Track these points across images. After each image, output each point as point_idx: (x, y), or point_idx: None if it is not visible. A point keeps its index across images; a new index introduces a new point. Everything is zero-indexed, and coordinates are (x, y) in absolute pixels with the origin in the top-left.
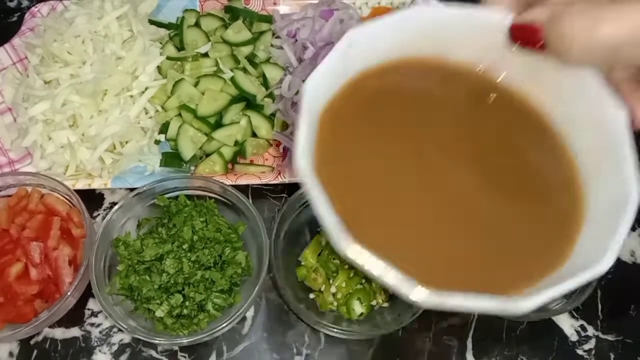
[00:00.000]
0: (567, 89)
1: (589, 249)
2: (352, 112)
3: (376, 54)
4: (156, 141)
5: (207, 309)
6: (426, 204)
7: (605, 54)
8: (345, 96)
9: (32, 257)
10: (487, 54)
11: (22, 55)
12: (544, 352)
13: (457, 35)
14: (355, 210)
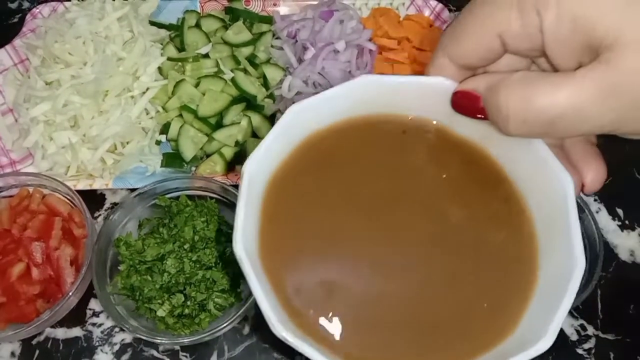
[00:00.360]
0: (517, 153)
1: (534, 320)
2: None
3: (321, 120)
4: (157, 142)
5: (208, 309)
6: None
7: (542, 127)
8: (291, 162)
9: (34, 257)
10: (442, 114)
11: (24, 56)
12: (545, 351)
13: (406, 99)
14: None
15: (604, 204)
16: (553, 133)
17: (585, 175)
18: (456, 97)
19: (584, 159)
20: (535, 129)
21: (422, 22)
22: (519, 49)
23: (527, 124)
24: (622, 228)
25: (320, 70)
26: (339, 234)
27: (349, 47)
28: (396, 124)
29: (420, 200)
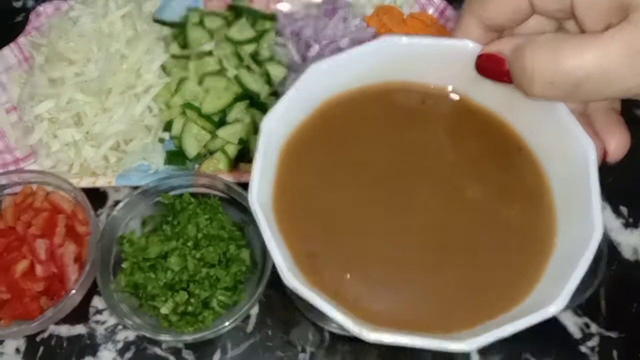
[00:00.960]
0: (538, 120)
1: (548, 286)
2: (314, 142)
3: (341, 83)
4: (160, 139)
5: (212, 306)
6: (389, 232)
7: (567, 89)
8: (307, 128)
9: (38, 254)
10: (461, 81)
11: (27, 54)
12: (548, 349)
13: (428, 64)
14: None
15: (608, 202)
16: (578, 95)
17: (609, 143)
18: (481, 59)
19: (608, 126)
20: (561, 91)
21: (426, 20)
22: (547, 9)
23: (552, 86)
24: (626, 226)
25: None
26: (355, 198)
27: (352, 44)
28: (415, 92)
29: (438, 171)
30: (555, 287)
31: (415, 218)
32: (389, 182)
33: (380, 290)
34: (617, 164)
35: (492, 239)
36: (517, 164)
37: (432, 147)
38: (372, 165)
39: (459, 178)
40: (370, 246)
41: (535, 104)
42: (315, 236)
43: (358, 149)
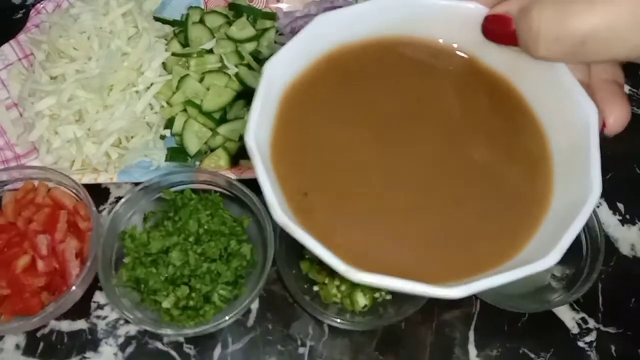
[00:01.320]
0: (542, 83)
1: (540, 245)
2: (317, 87)
3: (347, 36)
4: (161, 136)
5: (212, 301)
6: (385, 176)
7: (573, 47)
8: (312, 74)
9: (39, 249)
10: (468, 42)
11: (28, 51)
12: (546, 344)
13: (435, 23)
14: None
15: (605, 199)
16: (583, 54)
17: (609, 115)
18: (487, 21)
19: (609, 98)
20: (566, 48)
21: None
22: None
23: (557, 42)
24: (623, 222)
25: None
26: (351, 145)
27: None
28: (423, 47)
29: (440, 123)
30: (548, 244)
31: (413, 165)
32: (389, 127)
33: (370, 235)
34: (614, 161)
35: (488, 194)
36: (519, 125)
37: (437, 100)
38: (374, 110)
39: (461, 131)
40: (364, 189)
41: (540, 68)
42: (309, 176)
43: (361, 94)
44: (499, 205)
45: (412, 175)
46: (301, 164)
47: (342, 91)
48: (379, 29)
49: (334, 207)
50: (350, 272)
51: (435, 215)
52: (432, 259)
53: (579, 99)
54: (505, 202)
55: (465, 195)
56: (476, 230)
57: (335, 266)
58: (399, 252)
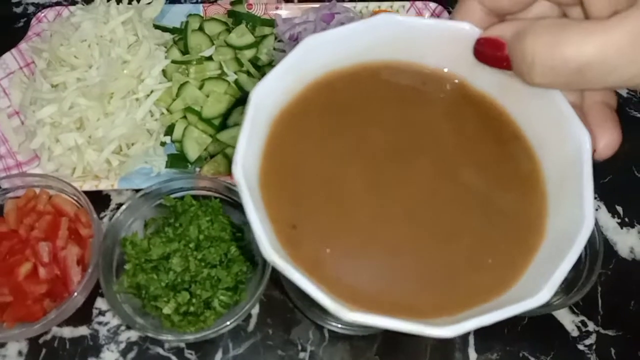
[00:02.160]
0: (535, 108)
1: (533, 278)
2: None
3: (336, 59)
4: (162, 143)
5: (213, 306)
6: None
7: (568, 76)
8: (301, 100)
9: (41, 256)
10: (459, 65)
11: (29, 59)
12: (545, 347)
13: (425, 45)
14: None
15: (604, 202)
16: (580, 83)
17: (600, 139)
18: (480, 44)
19: (600, 122)
20: (562, 78)
21: None
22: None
23: (553, 72)
24: (622, 225)
25: None
26: (340, 178)
27: None
28: (413, 73)
29: (431, 153)
30: (541, 279)
31: (404, 197)
32: (380, 158)
33: (360, 269)
34: (613, 164)
35: (482, 223)
36: (512, 150)
37: (427, 128)
38: (365, 141)
39: (452, 161)
40: (354, 222)
41: (533, 91)
42: (298, 207)
43: (352, 124)
44: (493, 237)
45: (403, 209)
46: (290, 194)
47: (331, 121)
48: (368, 53)
49: (323, 241)
50: (340, 311)
51: (427, 250)
52: (424, 294)
53: (572, 126)
54: (499, 234)
55: (458, 228)
56: (469, 264)
57: (326, 305)
58: (390, 287)
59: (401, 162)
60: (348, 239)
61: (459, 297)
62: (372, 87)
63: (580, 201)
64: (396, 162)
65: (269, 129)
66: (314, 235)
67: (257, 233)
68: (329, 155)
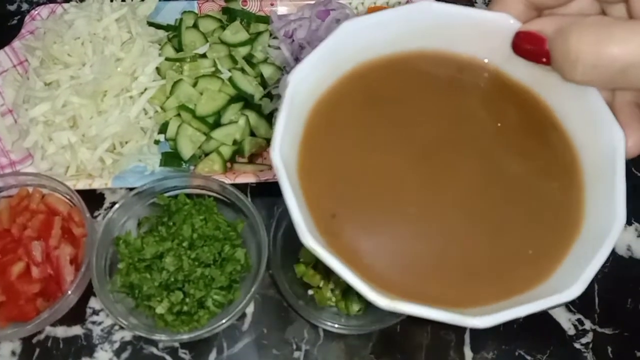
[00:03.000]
0: (572, 103)
1: (566, 271)
2: (345, 104)
3: (374, 46)
4: (156, 141)
5: (207, 306)
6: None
7: (610, 75)
8: (339, 89)
9: (34, 256)
10: (495, 55)
11: (22, 57)
12: (542, 346)
13: (462, 34)
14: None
15: None
16: (620, 82)
17: (628, 138)
18: (519, 38)
19: (630, 121)
20: (603, 77)
21: None
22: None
23: (595, 71)
24: None
25: None
26: (384, 168)
27: None
28: (450, 62)
29: (472, 142)
30: (573, 274)
31: (447, 187)
32: (420, 149)
33: (398, 258)
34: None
35: (525, 213)
36: (552, 140)
37: (466, 118)
38: (405, 131)
39: (494, 150)
40: (395, 212)
41: (570, 86)
42: (338, 196)
43: (390, 114)
44: (534, 227)
45: (447, 199)
46: (329, 183)
47: (368, 110)
48: (402, 41)
49: (363, 230)
50: (378, 299)
51: (470, 241)
52: (464, 284)
53: (607, 124)
54: (540, 224)
55: (502, 218)
56: (512, 255)
57: (364, 293)
58: (429, 277)
59: (443, 152)
60: (389, 229)
61: (497, 288)
62: (407, 76)
63: (612, 199)
64: (438, 153)
65: (304, 118)
66: (354, 224)
67: (296, 219)
68: (368, 146)
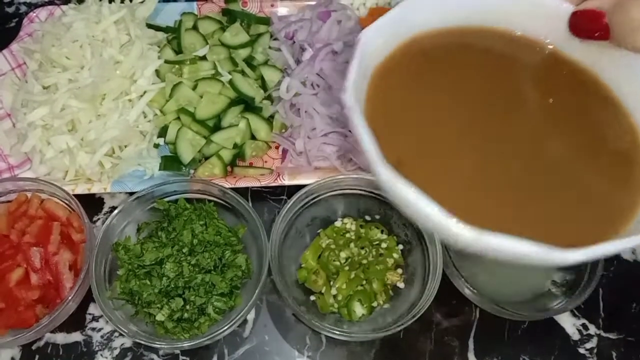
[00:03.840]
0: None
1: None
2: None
3: (438, 17)
4: (155, 145)
5: (207, 313)
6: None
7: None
8: (403, 52)
9: (33, 262)
10: (550, 34)
11: (21, 60)
12: (546, 351)
13: (521, 14)
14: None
15: None
16: None
17: None
18: (575, 17)
19: None
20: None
21: None
22: None
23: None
24: None
25: (319, 71)
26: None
27: (346, 47)
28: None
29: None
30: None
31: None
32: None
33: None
34: None
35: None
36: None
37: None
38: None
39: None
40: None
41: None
42: (403, 147)
43: (448, 81)
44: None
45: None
46: (394, 134)
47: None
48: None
49: (428, 180)
50: (467, 231)
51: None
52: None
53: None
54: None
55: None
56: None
57: (448, 224)
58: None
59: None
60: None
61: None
62: (464, 49)
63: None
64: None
65: (369, 76)
66: (419, 174)
67: (370, 151)
68: (430, 107)
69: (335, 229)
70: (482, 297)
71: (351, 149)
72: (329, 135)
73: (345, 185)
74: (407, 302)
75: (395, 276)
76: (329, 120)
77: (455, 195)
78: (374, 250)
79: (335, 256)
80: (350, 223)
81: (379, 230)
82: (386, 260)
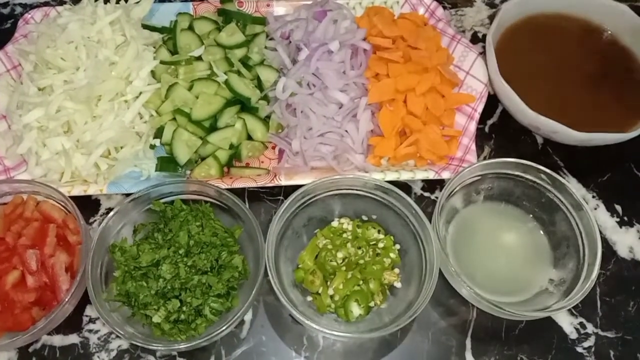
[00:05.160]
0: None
1: None
2: (520, 37)
3: (550, 4)
4: (151, 146)
5: (204, 314)
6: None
7: None
8: (524, 23)
9: (29, 264)
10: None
11: (16, 62)
12: (544, 350)
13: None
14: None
15: (603, 201)
16: None
17: None
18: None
19: None
20: None
21: (417, 20)
22: None
23: None
24: (621, 224)
25: (315, 71)
26: (540, 65)
27: (342, 47)
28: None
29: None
30: None
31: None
32: (568, 62)
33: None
34: (613, 165)
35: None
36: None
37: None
38: (559, 52)
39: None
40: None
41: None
42: (515, 74)
43: (552, 43)
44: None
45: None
46: (509, 64)
47: (539, 39)
48: (564, 7)
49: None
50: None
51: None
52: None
53: None
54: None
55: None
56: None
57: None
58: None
59: (576, 66)
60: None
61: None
62: (560, 29)
63: None
64: (574, 66)
65: (500, 32)
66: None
67: (492, 66)
68: (535, 54)
69: (332, 229)
70: (479, 297)
71: (347, 149)
72: (326, 135)
73: (342, 185)
74: (404, 301)
75: (392, 276)
76: (325, 120)
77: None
78: (370, 250)
79: (332, 256)
80: (347, 223)
81: (376, 230)
82: (383, 260)
